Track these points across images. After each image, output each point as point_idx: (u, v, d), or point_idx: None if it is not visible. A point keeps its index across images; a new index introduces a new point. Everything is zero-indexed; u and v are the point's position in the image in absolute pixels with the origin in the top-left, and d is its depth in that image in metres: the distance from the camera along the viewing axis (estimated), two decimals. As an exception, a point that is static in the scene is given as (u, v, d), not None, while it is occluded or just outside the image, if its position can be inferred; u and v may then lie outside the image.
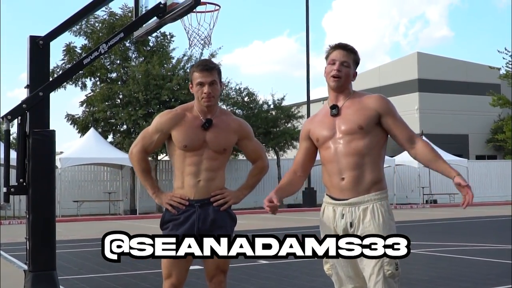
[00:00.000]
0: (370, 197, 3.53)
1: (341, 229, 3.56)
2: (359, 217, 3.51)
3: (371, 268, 3.46)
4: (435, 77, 42.75)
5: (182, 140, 4.01)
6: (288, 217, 22.62)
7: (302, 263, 9.41)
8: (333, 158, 3.58)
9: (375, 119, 3.57)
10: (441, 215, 22.16)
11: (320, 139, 3.66)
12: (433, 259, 9.84)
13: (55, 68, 26.55)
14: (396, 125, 3.60)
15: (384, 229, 3.49)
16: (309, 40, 29.38)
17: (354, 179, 3.52)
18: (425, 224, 18.26)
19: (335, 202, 3.59)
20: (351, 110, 3.59)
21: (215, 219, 4.01)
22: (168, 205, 4.03)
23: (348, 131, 3.54)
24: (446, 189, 31.85)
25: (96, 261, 10.14)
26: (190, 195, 4.01)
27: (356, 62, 3.69)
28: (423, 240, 12.67)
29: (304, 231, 15.55)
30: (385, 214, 3.54)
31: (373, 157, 3.56)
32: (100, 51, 6.02)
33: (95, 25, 27.25)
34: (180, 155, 4.04)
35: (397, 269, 3.48)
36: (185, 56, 27.33)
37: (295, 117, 29.29)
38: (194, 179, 4.01)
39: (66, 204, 24.52)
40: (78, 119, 27.39)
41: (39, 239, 5.73)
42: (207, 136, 4.04)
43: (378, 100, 3.62)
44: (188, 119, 4.07)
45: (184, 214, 4.00)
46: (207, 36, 6.19)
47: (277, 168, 28.66)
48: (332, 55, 3.66)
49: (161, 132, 4.08)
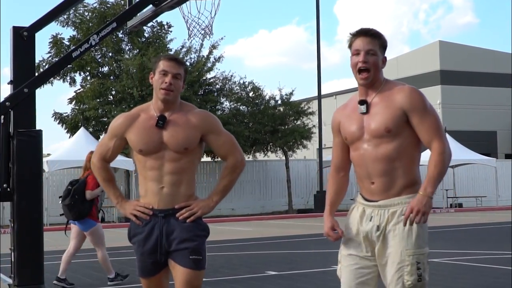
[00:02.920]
0: (401, 200, 3.55)
1: (364, 232, 3.60)
2: (387, 220, 3.55)
3: (391, 276, 3.51)
4: (459, 68, 42.66)
5: (136, 143, 4.01)
6: (298, 223, 22.62)
7: (315, 273, 9.40)
8: (361, 162, 3.64)
9: (403, 118, 3.55)
10: (467, 220, 22.12)
11: (349, 138, 3.69)
12: (458, 269, 9.82)
13: (41, 62, 26.60)
14: (420, 126, 3.55)
15: (410, 236, 3.49)
16: (320, 29, 29.42)
17: (384, 184, 3.57)
18: (449, 230, 18.21)
19: (366, 203, 3.65)
20: (380, 107, 3.59)
21: (180, 234, 3.96)
22: (132, 215, 4.05)
23: (376, 134, 3.56)
24: (473, 192, 31.80)
25: (87, 274, 10.16)
26: (153, 203, 4.00)
27: (383, 47, 3.65)
28: (446, 247, 12.64)
29: (314, 239, 15.60)
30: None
31: (405, 160, 3.57)
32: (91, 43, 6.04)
33: (84, 15, 27.29)
34: (140, 160, 4.03)
35: (420, 280, 3.47)
36: (184, 47, 27.39)
37: (305, 113, 29.23)
38: (157, 185, 3.98)
39: (54, 212, 24.50)
40: (67, 118, 27.44)
41: (25, 250, 5.75)
42: (164, 136, 3.98)
43: (406, 96, 3.58)
44: (141, 120, 4.06)
45: (148, 226, 4.02)
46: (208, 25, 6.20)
47: (285, 170, 28.64)
48: (355, 44, 3.62)
49: (116, 137, 4.11)
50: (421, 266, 3.48)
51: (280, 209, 29.35)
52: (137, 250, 4.06)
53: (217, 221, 23.55)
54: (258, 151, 28.93)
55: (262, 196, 29.94)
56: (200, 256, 3.98)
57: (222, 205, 24.25)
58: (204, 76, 26.86)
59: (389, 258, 3.53)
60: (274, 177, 30.26)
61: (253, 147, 28.36)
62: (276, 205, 29.76)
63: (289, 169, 28.80)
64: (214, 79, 27.60)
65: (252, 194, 29.37)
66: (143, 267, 4.09)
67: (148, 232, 4.00)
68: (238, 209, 27.94)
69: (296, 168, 30.32)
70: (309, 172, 30.58)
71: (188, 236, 3.95)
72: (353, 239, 3.67)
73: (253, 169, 29.82)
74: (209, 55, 27.18)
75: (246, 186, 29.33)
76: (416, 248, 3.49)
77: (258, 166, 30.15)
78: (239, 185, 29.32)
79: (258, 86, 28.87)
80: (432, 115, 3.58)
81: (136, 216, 4.03)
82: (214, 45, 27.19)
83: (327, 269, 9.57)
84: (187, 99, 25.24)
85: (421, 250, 3.50)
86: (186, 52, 27.06)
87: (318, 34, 29.34)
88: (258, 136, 27.79)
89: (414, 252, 3.48)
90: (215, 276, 9.33)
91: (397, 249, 3.49)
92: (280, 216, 26.72)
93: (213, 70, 27.18)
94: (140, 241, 4.03)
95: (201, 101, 25.78)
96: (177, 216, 3.97)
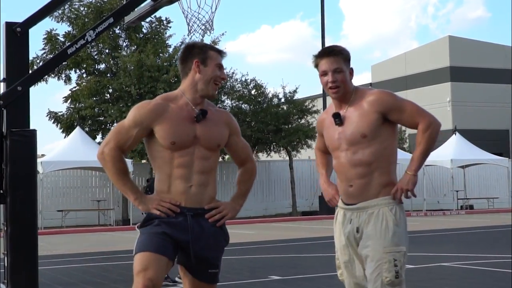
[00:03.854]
0: (378, 201, 3.88)
1: (347, 235, 3.94)
2: (364, 222, 3.87)
3: (369, 274, 3.81)
4: (470, 64, 42.64)
5: (168, 135, 3.81)
6: (302, 226, 22.62)
7: (321, 278, 9.40)
8: (341, 168, 3.97)
9: (379, 121, 3.87)
10: (478, 222, 22.07)
11: (329, 147, 4.08)
12: (469, 273, 9.81)
13: (35, 59, 26.62)
14: (402, 117, 3.89)
15: (386, 235, 3.80)
16: (325, 24, 29.40)
17: (361, 186, 3.89)
18: (459, 232, 18.21)
19: (346, 207, 3.99)
20: (354, 116, 3.91)
21: (207, 240, 3.86)
22: (157, 210, 3.83)
23: (352, 141, 3.89)
24: (484, 193, 31.74)
25: (83, 279, 10.16)
26: (180, 201, 3.85)
27: (347, 60, 3.98)
28: (457, 251, 12.63)
29: (319, 242, 15.58)
30: (389, 219, 3.83)
31: (382, 162, 3.90)
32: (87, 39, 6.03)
33: (80, 9, 27.30)
34: (166, 155, 3.85)
35: (397, 277, 3.75)
36: (184, 44, 27.35)
37: (309, 112, 29.23)
38: (185, 184, 3.84)
39: (49, 214, 24.59)
40: (62, 117, 27.45)
41: (19, 254, 5.74)
42: (197, 130, 3.86)
43: (378, 99, 3.88)
44: (173, 111, 3.88)
45: (177, 218, 3.83)
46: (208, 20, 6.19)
47: (289, 170, 28.64)
48: (321, 66, 3.96)
49: (141, 126, 3.87)
50: (398, 263, 3.76)
51: (284, 211, 29.33)
52: (157, 227, 3.80)
53: (219, 224, 23.54)
54: (260, 151, 28.93)
55: (265, 198, 29.93)
56: (217, 269, 3.95)
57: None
58: (205, 73, 26.80)
59: (368, 257, 3.81)
60: (278, 178, 30.25)
61: (256, 147, 28.36)
62: (279, 207, 29.74)
63: (293, 170, 28.80)
64: (215, 77, 27.54)
65: (254, 196, 29.33)
66: (157, 241, 3.76)
67: (178, 222, 3.82)
68: (240, 212, 27.83)
69: (300, 168, 30.29)
70: (313, 173, 30.51)
71: (213, 243, 3.90)
72: (341, 246, 4.01)
73: (259, 168, 29.75)
74: (210, 51, 27.12)
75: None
76: (392, 245, 3.78)
77: (261, 167, 30.09)
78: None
79: (261, 83, 28.89)
80: (406, 102, 3.92)
81: (160, 211, 3.83)
82: (214, 41, 27.16)
83: (333, 274, 9.51)
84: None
85: (397, 248, 3.79)
86: (185, 49, 27.03)
87: (323, 29, 29.33)
88: (261, 136, 27.79)
89: (391, 249, 3.77)
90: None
91: (375, 248, 3.78)
92: (283, 219, 26.71)
93: (213, 67, 27.12)
94: (169, 222, 3.81)
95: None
96: (207, 217, 3.88)
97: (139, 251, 3.74)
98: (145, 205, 3.87)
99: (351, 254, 3.96)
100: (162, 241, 3.75)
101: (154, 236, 3.76)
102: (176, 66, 25.81)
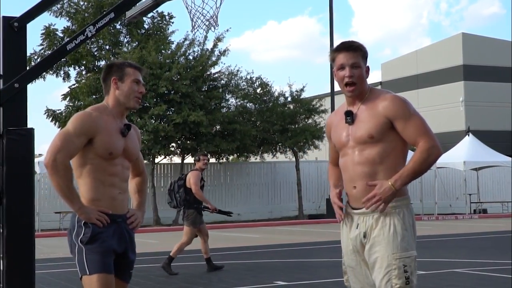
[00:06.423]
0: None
1: (354, 240, 3.96)
2: (371, 226, 3.89)
3: (379, 280, 3.82)
4: (483, 62, 42.57)
5: (107, 146, 4.25)
6: (308, 229, 22.61)
7: (327, 284, 9.39)
8: (346, 167, 4.02)
9: (387, 125, 3.90)
10: (491, 227, 22.07)
11: (337, 145, 4.11)
12: (482, 280, 9.80)
13: (33, 55, 26.71)
14: (406, 130, 3.88)
15: (395, 240, 3.81)
16: (334, 21, 29.39)
17: (365, 187, 3.88)
18: (473, 237, 18.19)
19: (353, 211, 4.01)
20: (364, 115, 3.96)
21: (132, 243, 4.42)
22: (98, 221, 4.22)
23: (360, 140, 3.93)
24: (498, 197, 31.67)
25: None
26: (108, 208, 4.27)
27: (365, 57, 4.02)
28: (469, 257, 12.61)
29: (326, 247, 15.57)
30: (397, 224, 3.85)
31: (388, 164, 3.91)
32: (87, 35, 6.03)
33: (79, 4, 27.37)
34: (99, 164, 4.25)
35: (408, 283, 3.77)
36: (187, 40, 27.39)
37: (317, 111, 29.22)
38: (115, 190, 4.31)
39: (46, 216, 24.64)
40: (60, 115, 27.52)
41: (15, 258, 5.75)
42: (125, 143, 4.36)
43: (389, 105, 3.91)
44: (107, 123, 4.31)
45: (110, 229, 4.28)
46: (212, 16, 6.19)
47: (296, 172, 28.62)
48: (338, 59, 3.99)
49: (85, 136, 4.23)
50: (408, 269, 3.78)
51: (290, 214, 29.32)
52: (105, 244, 4.24)
53: (222, 227, 23.58)
54: (266, 151, 28.93)
55: (271, 201, 29.92)
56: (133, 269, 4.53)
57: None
58: (208, 70, 26.82)
59: (376, 263, 3.83)
60: (283, 180, 30.24)
61: (261, 148, 28.37)
62: (285, 210, 29.74)
63: (300, 171, 28.79)
64: (219, 74, 27.54)
65: (259, 198, 29.36)
66: (109, 261, 4.27)
67: (114, 231, 4.29)
68: (244, 215, 27.91)
69: (307, 170, 30.29)
70: (321, 175, 30.49)
71: (134, 246, 4.47)
72: (348, 251, 4.04)
73: (261, 171, 29.83)
74: (214, 48, 27.14)
75: (253, 190, 29.36)
76: (402, 251, 3.80)
77: (266, 168, 30.13)
78: (245, 188, 29.37)
79: (266, 81, 28.91)
80: (416, 117, 3.90)
81: (98, 222, 4.23)
82: (219, 37, 27.19)
83: (339, 280, 9.53)
84: (190, 95, 25.30)
85: (407, 253, 3.81)
86: (189, 45, 27.06)
87: (331, 26, 29.32)
88: (266, 136, 27.79)
89: (401, 255, 3.79)
90: (220, 286, 9.33)
91: (384, 253, 3.80)
92: (289, 222, 26.71)
93: (218, 64, 27.13)
94: (111, 235, 4.28)
95: (205, 98, 25.79)
96: (128, 223, 4.38)
97: (97, 272, 4.16)
98: (87, 215, 4.21)
99: (358, 260, 3.98)
100: (111, 259, 4.23)
101: (108, 256, 4.21)
102: (179, 63, 25.86)
